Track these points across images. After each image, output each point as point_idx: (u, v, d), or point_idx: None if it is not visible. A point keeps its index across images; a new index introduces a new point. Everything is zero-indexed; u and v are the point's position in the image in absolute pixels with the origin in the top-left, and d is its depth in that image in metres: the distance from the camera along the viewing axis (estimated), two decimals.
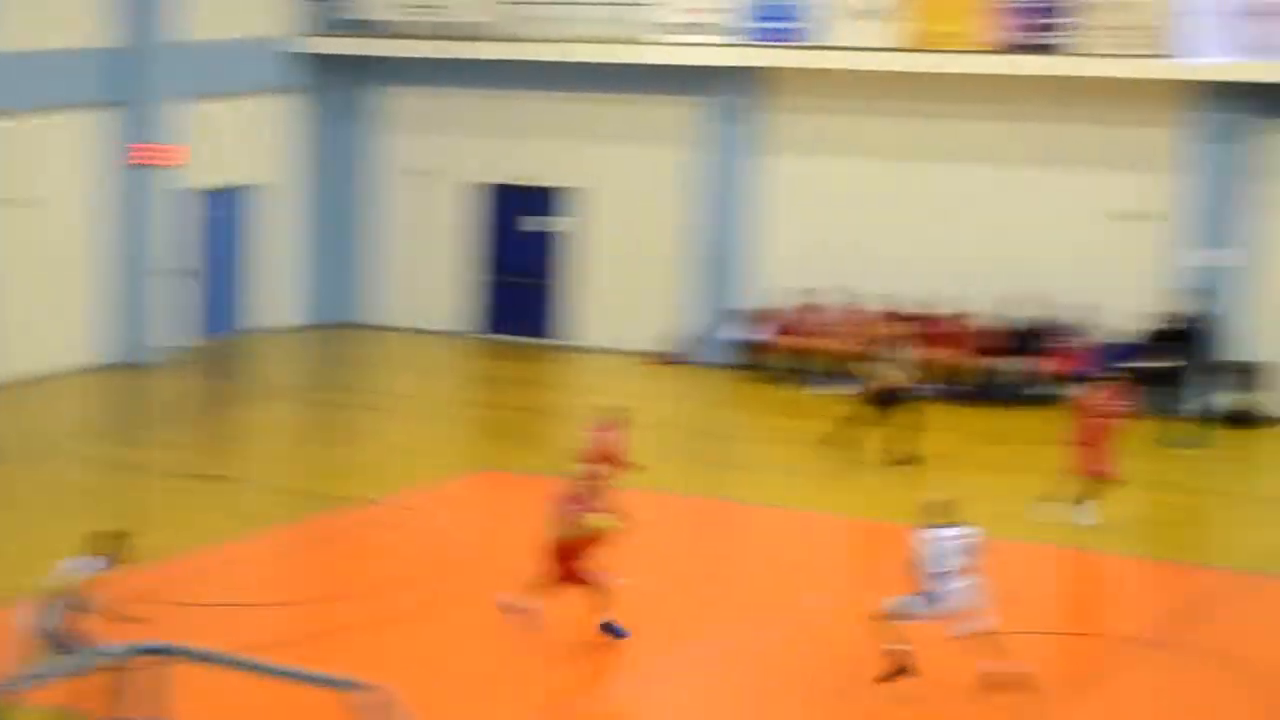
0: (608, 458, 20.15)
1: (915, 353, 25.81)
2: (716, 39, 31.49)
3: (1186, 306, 27.96)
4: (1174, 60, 28.31)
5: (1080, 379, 29.13)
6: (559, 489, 17.45)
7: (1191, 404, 27.61)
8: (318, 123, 34.83)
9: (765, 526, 22.46)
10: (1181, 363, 27.29)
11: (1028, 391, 29.42)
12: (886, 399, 25.02)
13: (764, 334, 31.64)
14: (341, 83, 34.77)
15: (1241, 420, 27.82)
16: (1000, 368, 29.66)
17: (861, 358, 25.97)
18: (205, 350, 32.15)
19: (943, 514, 16.06)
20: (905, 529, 15.71)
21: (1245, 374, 28.14)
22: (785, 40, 31.05)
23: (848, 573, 20.81)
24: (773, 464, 25.61)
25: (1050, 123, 30.02)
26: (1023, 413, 28.65)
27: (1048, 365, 29.52)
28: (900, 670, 15.97)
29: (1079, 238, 29.77)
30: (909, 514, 17.83)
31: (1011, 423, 28.08)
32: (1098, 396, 22.33)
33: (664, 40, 31.72)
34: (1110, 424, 22.04)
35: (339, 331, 34.73)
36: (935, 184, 30.92)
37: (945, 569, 15.71)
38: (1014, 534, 20.47)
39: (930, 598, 15.74)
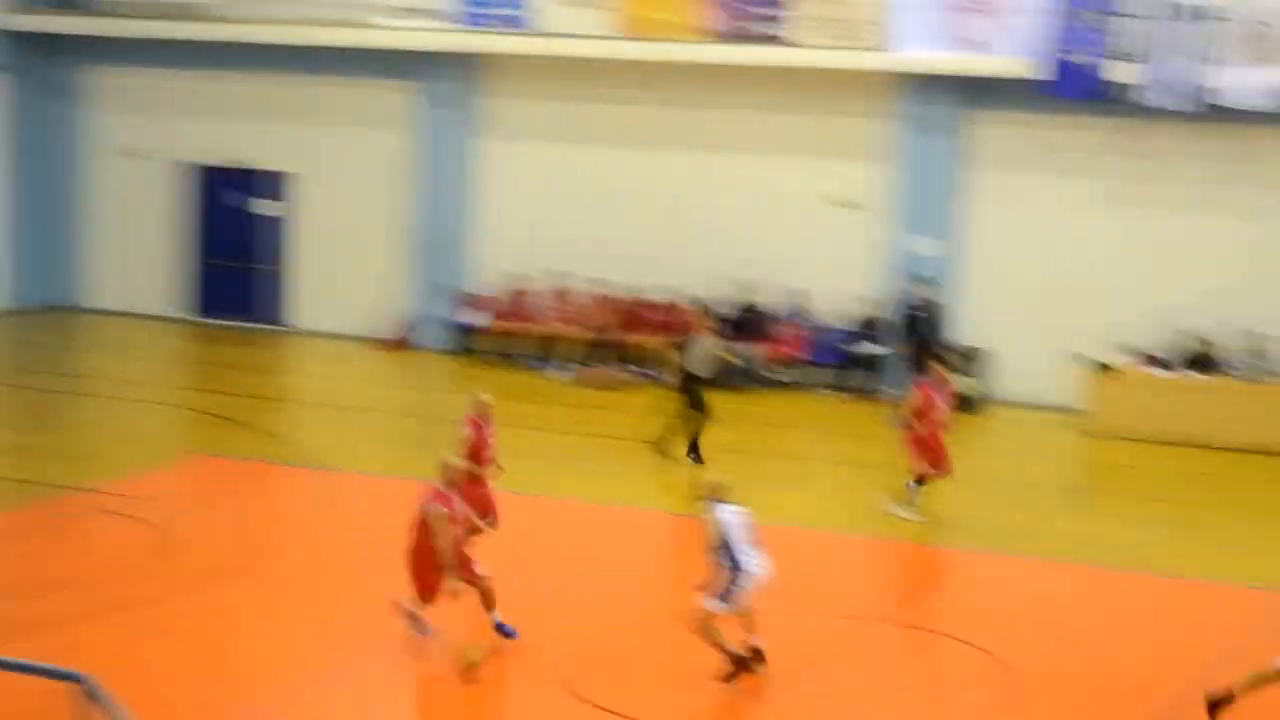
0: (478, 453, 19.05)
1: (714, 343, 25.22)
2: (432, 23, 31.36)
3: (906, 293, 28.49)
4: (885, 52, 28.90)
5: (803, 363, 29.90)
6: (434, 489, 16.72)
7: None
8: (22, 101, 33.92)
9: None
10: (903, 348, 27.77)
11: (749, 376, 29.80)
12: (687, 388, 24.66)
13: (485, 318, 31.64)
14: (48, 61, 33.94)
15: (962, 404, 28.44)
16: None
17: (666, 348, 25.70)
18: None
19: (722, 492, 16.02)
20: (652, 514, 15.78)
21: (963, 358, 28.75)
22: (501, 26, 31.02)
23: (600, 556, 20.74)
24: (520, 452, 25.62)
25: (766, 111, 30.44)
26: (744, 397, 29.07)
27: (768, 350, 29.95)
28: (741, 667, 15.90)
29: (796, 225, 30.28)
30: (659, 500, 18.27)
31: (733, 407, 28.42)
32: (927, 391, 22.17)
33: (379, 24, 31.50)
34: (941, 416, 22.15)
35: (48, 314, 33.94)
36: (653, 171, 31.21)
37: (741, 541, 15.71)
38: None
39: (734, 572, 15.67)
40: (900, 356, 27.58)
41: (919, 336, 27.88)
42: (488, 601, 16.82)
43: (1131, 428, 26.74)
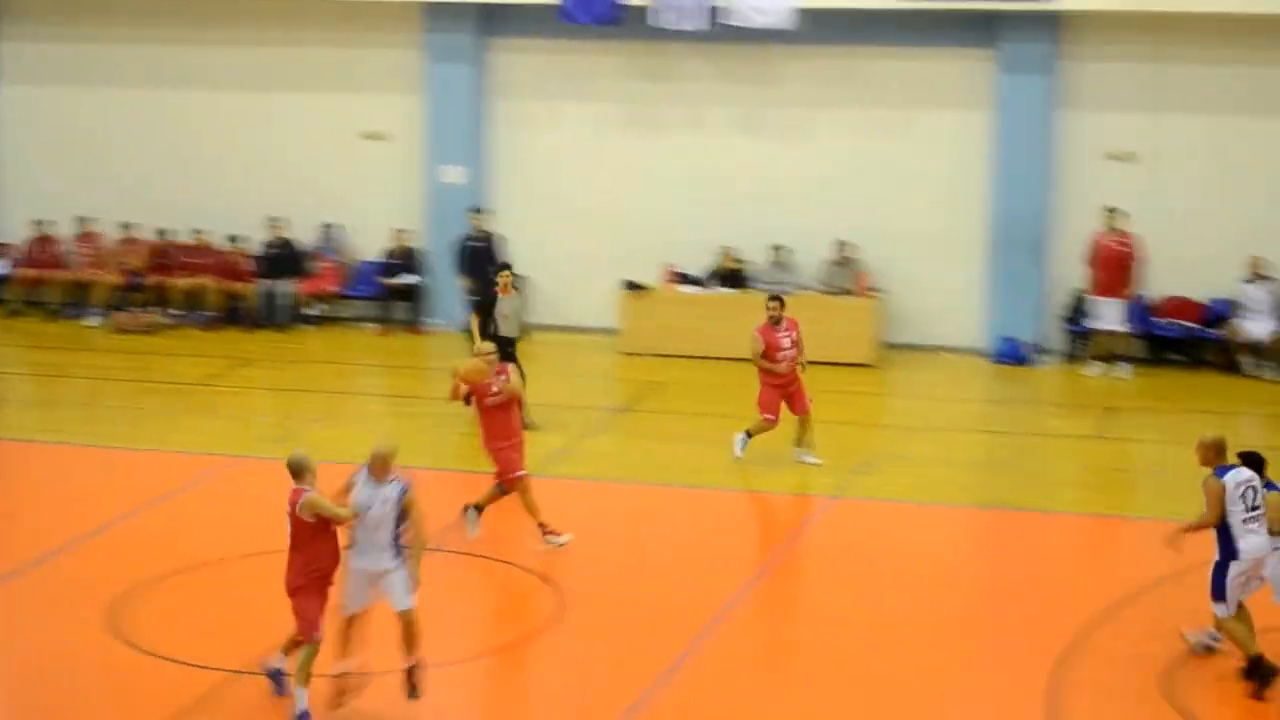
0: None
1: (516, 300, 23.73)
2: None
3: (466, 226, 28.22)
4: None
5: (340, 298, 29.85)
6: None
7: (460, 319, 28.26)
8: None
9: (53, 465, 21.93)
10: (465, 280, 27.66)
11: (289, 314, 29.65)
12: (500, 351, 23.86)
13: (9, 266, 30.84)
14: None
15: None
16: (257, 291, 29.73)
17: (474, 316, 23.86)
18: None
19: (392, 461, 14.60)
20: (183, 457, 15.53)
21: (487, 281, 28.67)
22: None
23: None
24: (56, 401, 25.06)
25: (293, 46, 30.22)
26: (283, 335, 28.99)
27: (304, 287, 29.79)
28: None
29: (327, 159, 30.20)
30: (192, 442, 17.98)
31: (272, 345, 28.34)
32: (765, 333, 21.60)
33: None
34: (783, 355, 21.53)
35: None
36: (180, 110, 30.77)
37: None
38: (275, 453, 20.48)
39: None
40: (462, 289, 27.53)
41: (479, 268, 27.81)
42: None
43: (665, 345, 27.37)
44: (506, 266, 24.58)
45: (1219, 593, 15.12)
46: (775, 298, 21.93)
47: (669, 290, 28.31)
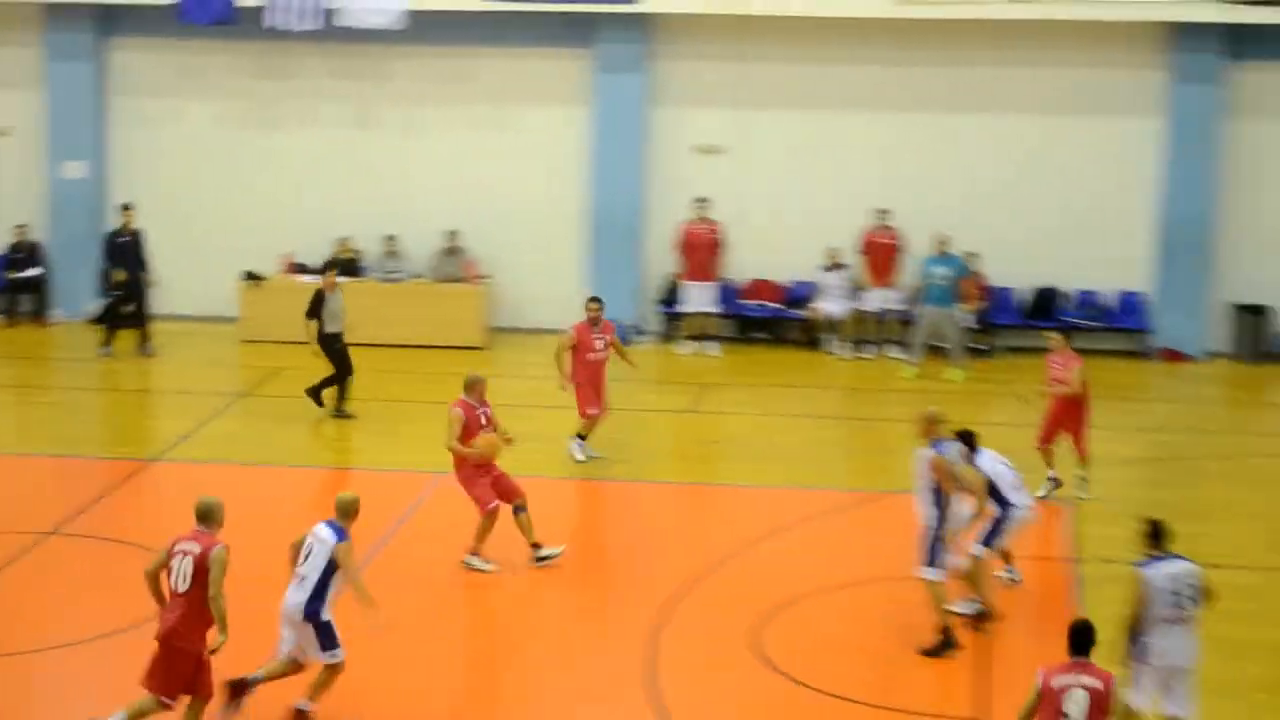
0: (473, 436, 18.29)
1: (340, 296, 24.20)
2: None
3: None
4: None
5: None
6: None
7: (87, 309, 28.83)
8: None
9: None
10: (115, 275, 27.95)
11: None
12: (328, 346, 23.97)
13: None
14: None
15: (126, 321, 28.70)
16: None
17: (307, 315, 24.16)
18: None
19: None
20: None
21: (133, 275, 28.81)
22: None
23: None
24: None
25: None
26: None
27: None
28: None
29: None
30: None
31: None
32: (579, 330, 22.24)
33: None
34: (595, 356, 22.21)
35: None
36: None
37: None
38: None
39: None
40: (112, 283, 27.88)
41: (125, 262, 27.97)
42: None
43: (283, 332, 27.69)
44: (334, 265, 25.29)
45: (935, 558, 15.79)
46: (595, 299, 22.65)
47: (286, 280, 29.21)
